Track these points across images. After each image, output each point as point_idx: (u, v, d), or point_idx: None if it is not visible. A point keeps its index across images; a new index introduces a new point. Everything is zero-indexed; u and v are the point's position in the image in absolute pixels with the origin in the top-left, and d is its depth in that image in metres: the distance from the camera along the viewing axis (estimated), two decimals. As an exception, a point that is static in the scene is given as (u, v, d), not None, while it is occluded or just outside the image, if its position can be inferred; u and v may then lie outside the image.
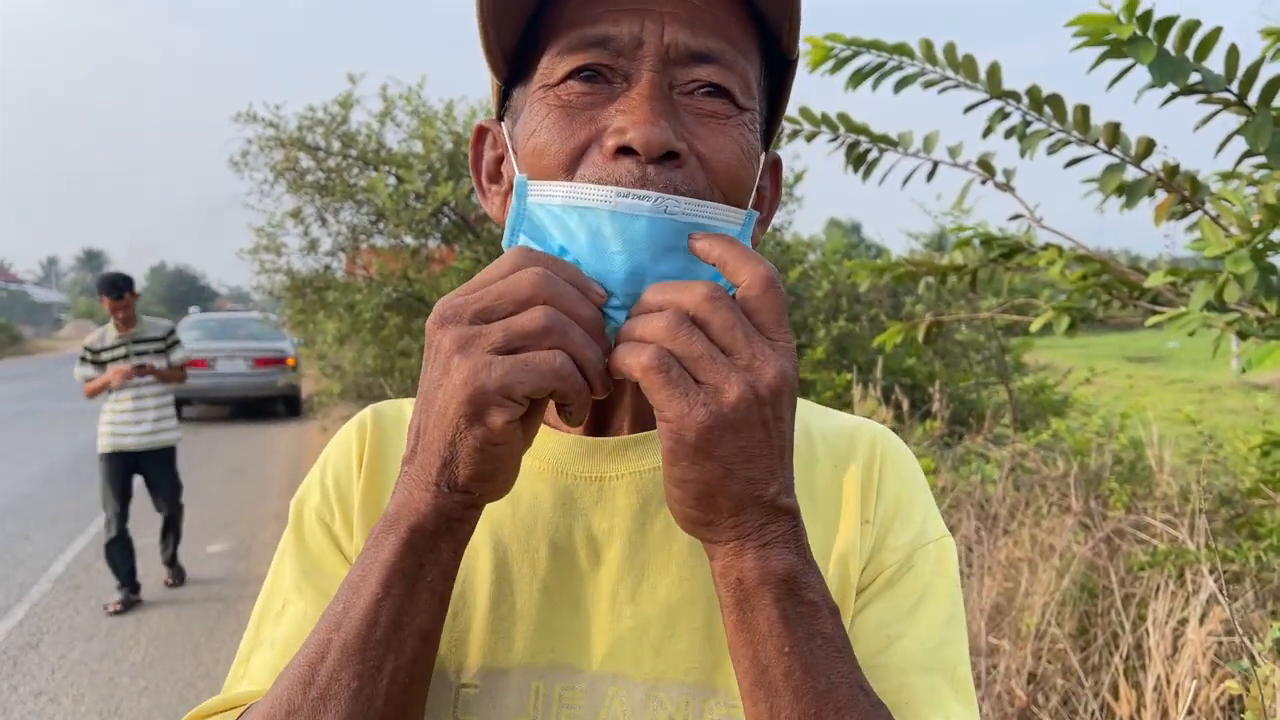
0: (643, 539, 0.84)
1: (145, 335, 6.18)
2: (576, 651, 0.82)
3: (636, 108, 0.73)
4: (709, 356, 0.64)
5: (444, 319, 0.66)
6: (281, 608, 0.87)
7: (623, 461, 0.86)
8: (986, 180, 3.67)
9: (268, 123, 7.39)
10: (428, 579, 0.69)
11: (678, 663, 0.81)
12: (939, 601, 0.85)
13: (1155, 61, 2.47)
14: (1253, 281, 2.68)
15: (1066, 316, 3.48)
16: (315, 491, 0.92)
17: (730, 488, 0.65)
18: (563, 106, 0.76)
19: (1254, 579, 3.27)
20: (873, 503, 0.88)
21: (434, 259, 8.16)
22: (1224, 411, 10.22)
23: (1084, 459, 4.52)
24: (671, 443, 0.64)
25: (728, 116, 0.77)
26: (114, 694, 4.86)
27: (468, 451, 0.65)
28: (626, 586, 0.83)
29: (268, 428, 14.76)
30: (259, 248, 7.91)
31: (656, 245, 0.72)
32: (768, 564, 0.67)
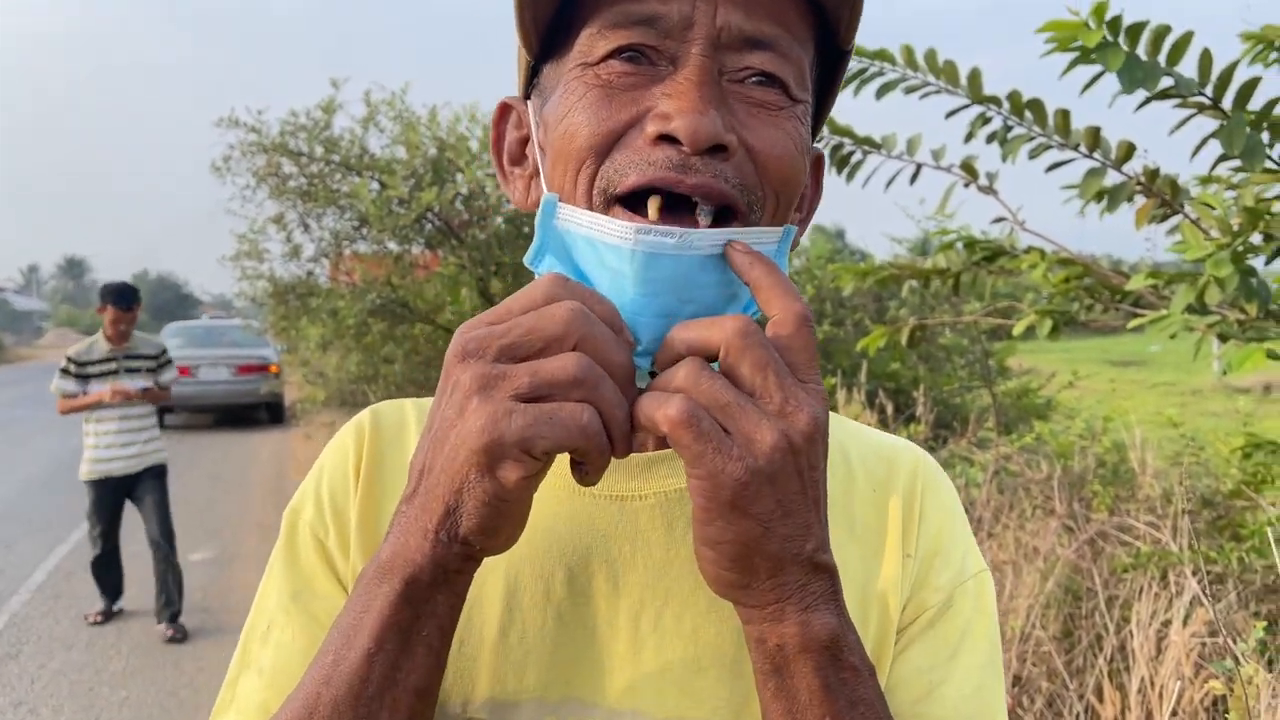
0: (668, 564, 0.78)
1: (138, 351, 5.73)
2: (592, 685, 0.76)
3: (684, 93, 0.67)
4: (738, 404, 0.59)
5: (466, 352, 0.60)
6: (267, 629, 0.82)
7: (647, 480, 0.80)
8: (970, 183, 3.68)
9: (250, 128, 7.36)
10: (423, 633, 0.64)
11: (703, 701, 0.75)
12: (978, 642, 0.81)
13: (1124, 67, 2.49)
14: (1233, 284, 2.69)
15: (1049, 320, 3.50)
16: (310, 504, 0.86)
17: (768, 547, 0.60)
18: (602, 86, 0.70)
19: (1236, 580, 3.29)
20: (914, 535, 0.83)
21: (418, 265, 8.13)
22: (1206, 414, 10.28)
23: (1067, 462, 4.54)
24: (705, 500, 0.59)
25: (780, 108, 0.72)
26: (94, 704, 4.81)
27: (474, 504, 0.60)
28: (649, 616, 0.77)
29: (251, 435, 14.67)
30: (241, 254, 7.87)
31: (681, 283, 0.67)
32: (809, 629, 0.62)
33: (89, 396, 5.53)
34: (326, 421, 9.81)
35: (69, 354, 5.64)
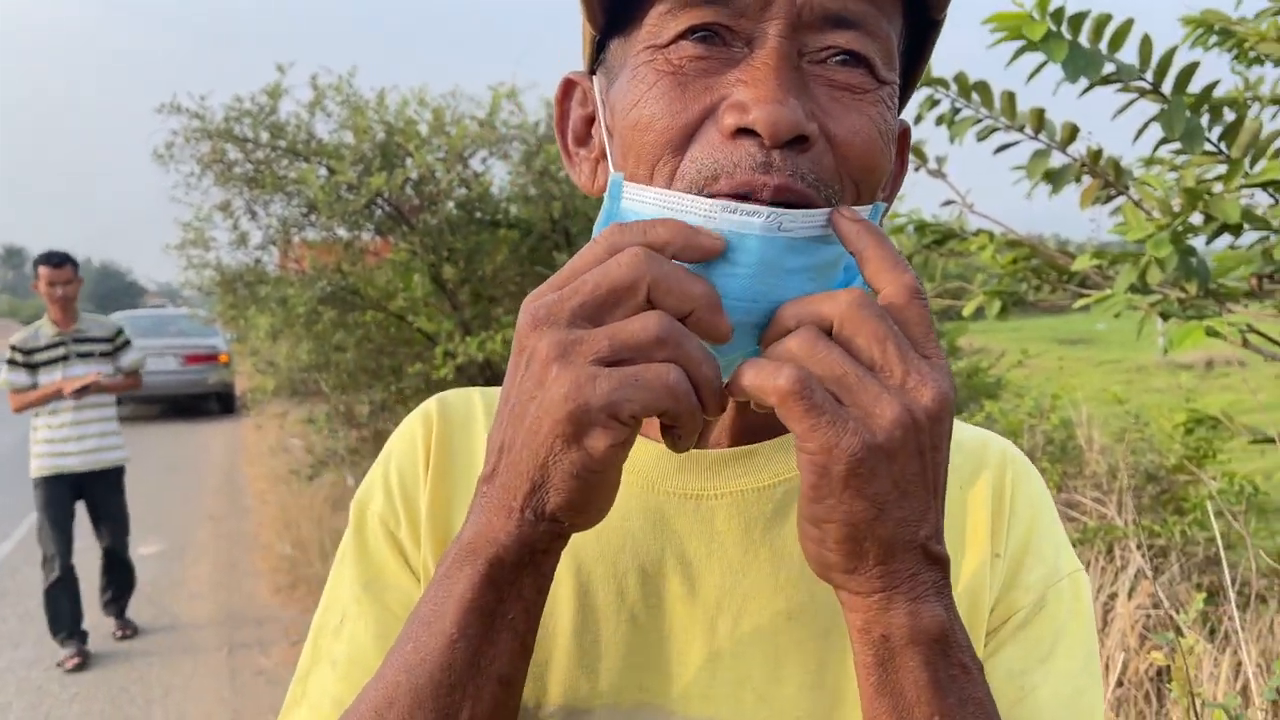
0: (745, 567, 0.75)
1: (88, 334, 5.21)
2: (667, 691, 0.73)
3: (762, 80, 0.62)
4: (856, 375, 0.56)
5: (537, 320, 0.57)
6: (340, 622, 0.79)
7: (723, 479, 0.77)
8: (919, 167, 3.72)
9: (193, 114, 7.21)
10: (509, 617, 0.61)
11: (784, 710, 0.72)
12: (1074, 645, 0.77)
13: (1068, 58, 2.54)
14: (1173, 264, 2.75)
15: (997, 300, 3.55)
16: (379, 493, 0.83)
17: (880, 530, 0.57)
18: (674, 73, 0.66)
19: (1180, 553, 3.37)
20: (1004, 533, 0.79)
21: (368, 251, 8.04)
22: (1150, 391, 10.50)
23: (1016, 440, 4.61)
24: (815, 477, 0.56)
25: (865, 91, 0.66)
26: (43, 701, 4.73)
27: (561, 477, 0.56)
28: (726, 620, 0.74)
29: (200, 426, 14.47)
30: (186, 242, 7.72)
31: (768, 267, 0.62)
32: (919, 620, 0.59)
33: (46, 388, 5.03)
34: (278, 411, 9.69)
35: (13, 342, 5.14)
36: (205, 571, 6.88)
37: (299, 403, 9.63)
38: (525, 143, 7.49)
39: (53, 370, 5.07)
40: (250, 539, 7.71)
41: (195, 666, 5.12)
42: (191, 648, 5.42)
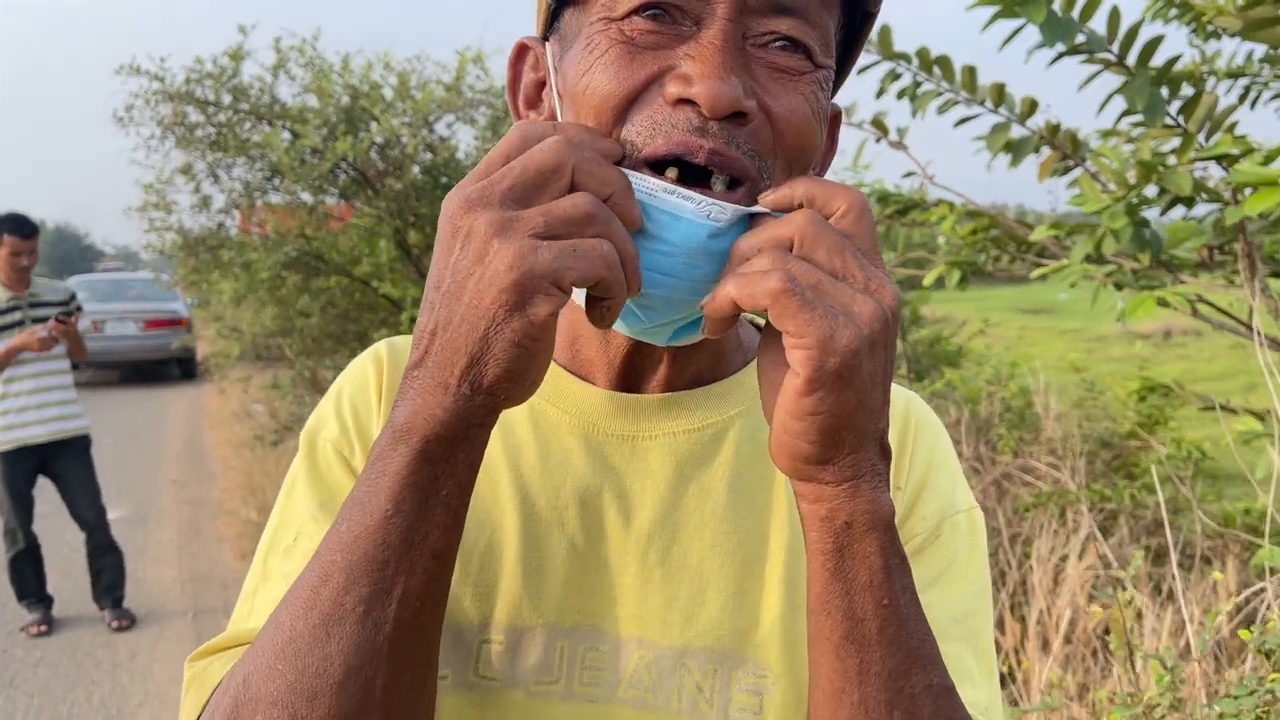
0: (676, 502, 0.81)
1: (43, 298, 5.03)
2: (603, 613, 0.79)
3: (707, 57, 0.67)
4: (830, 281, 0.60)
5: (470, 202, 0.60)
6: (294, 540, 0.81)
7: (657, 421, 0.83)
8: (881, 139, 3.77)
9: (153, 75, 7.10)
10: (442, 493, 0.63)
11: (708, 630, 0.78)
12: (966, 571, 0.83)
13: (1046, 21, 2.58)
14: (1127, 235, 2.82)
15: (957, 270, 3.61)
16: (331, 422, 0.86)
17: (858, 420, 0.61)
18: (625, 43, 0.70)
19: (1129, 516, 3.47)
20: (904, 470, 0.85)
21: (333, 216, 7.98)
22: (1110, 360, 10.69)
23: (975, 406, 4.71)
24: (811, 370, 0.59)
25: (802, 74, 0.71)
26: (8, 666, 4.73)
27: (503, 346, 0.59)
28: (657, 549, 0.80)
29: (162, 391, 14.33)
30: (147, 205, 7.63)
31: (693, 250, 0.67)
32: (879, 507, 0.64)
33: (5, 349, 4.82)
34: (241, 376, 9.64)
35: None
36: (169, 537, 6.86)
37: (263, 368, 9.57)
38: (491, 107, 7.45)
39: (7, 335, 4.90)
40: (214, 505, 7.69)
41: (160, 631, 5.13)
42: (156, 612, 5.42)
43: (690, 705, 0.77)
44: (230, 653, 0.77)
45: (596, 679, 0.78)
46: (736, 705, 0.77)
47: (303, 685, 0.63)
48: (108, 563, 5.29)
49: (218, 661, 0.76)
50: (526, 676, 0.78)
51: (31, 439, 4.97)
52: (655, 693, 0.77)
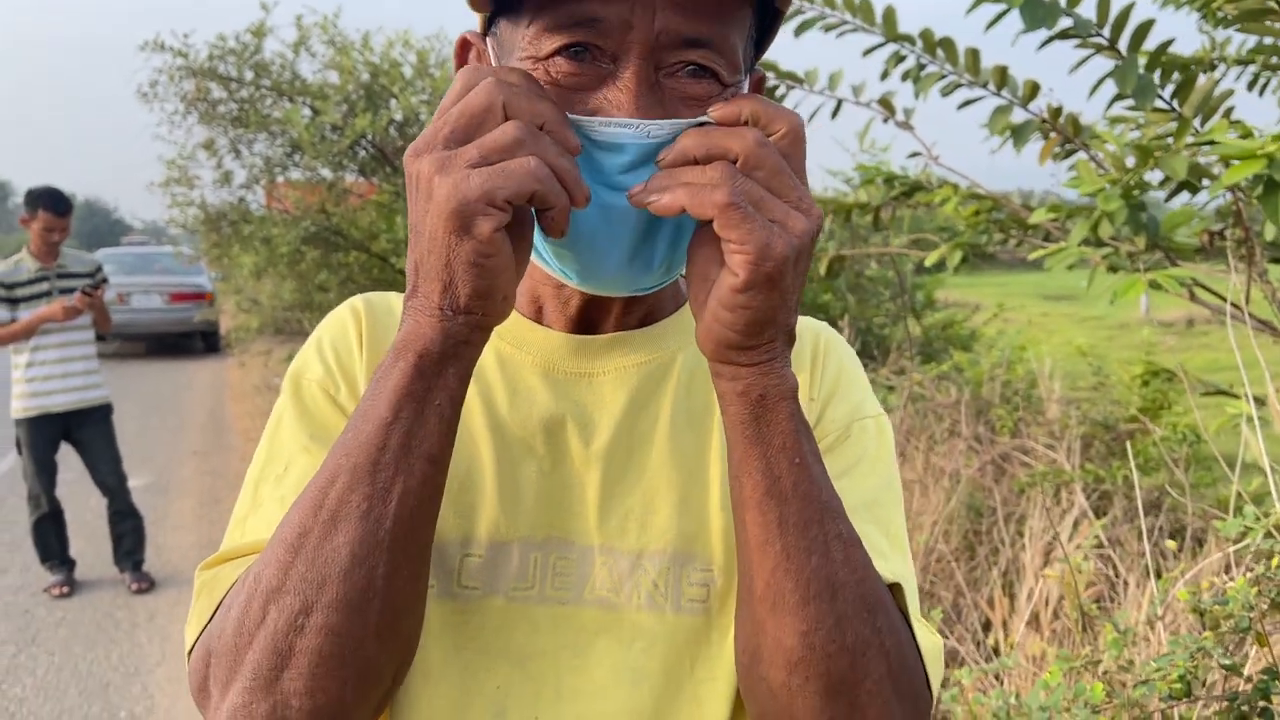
0: (629, 427, 0.92)
1: (70, 269, 5.12)
2: (570, 526, 0.89)
3: (624, 102, 0.75)
4: (770, 198, 0.70)
5: (418, 151, 0.69)
6: (284, 470, 0.88)
7: (608, 358, 0.93)
8: (888, 119, 3.80)
9: (177, 52, 7.20)
10: (436, 403, 0.72)
11: (660, 535, 0.89)
12: (875, 466, 0.94)
13: (1025, 5, 2.61)
14: (1121, 218, 2.85)
15: (959, 252, 3.65)
16: (315, 364, 0.94)
17: (780, 315, 0.72)
18: (551, 84, 0.77)
19: (1122, 496, 3.51)
20: (817, 383, 0.97)
21: (352, 192, 8.08)
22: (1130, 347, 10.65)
23: (978, 389, 4.75)
24: (747, 274, 0.69)
25: (711, 97, 0.78)
26: (30, 625, 4.87)
27: (463, 267, 0.68)
28: (614, 468, 0.90)
29: (185, 364, 14.53)
30: (170, 180, 7.75)
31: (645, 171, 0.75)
32: (787, 380, 0.75)
33: (32, 318, 4.90)
34: (262, 350, 9.78)
35: None
36: (189, 505, 7.01)
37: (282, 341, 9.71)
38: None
39: (35, 305, 4.99)
40: (234, 475, 7.83)
41: (178, 594, 5.27)
42: (174, 576, 5.55)
43: (648, 600, 0.89)
44: (239, 561, 0.84)
45: (566, 584, 0.88)
46: (687, 597, 0.89)
47: (312, 574, 0.71)
48: (128, 527, 5.42)
49: (228, 568, 0.84)
50: (505, 584, 0.88)
51: (55, 407, 5.08)
52: (617, 592, 0.88)
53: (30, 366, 5.02)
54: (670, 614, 0.89)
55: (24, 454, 5.19)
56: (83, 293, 5.00)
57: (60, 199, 5.08)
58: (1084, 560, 1.84)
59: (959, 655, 2.97)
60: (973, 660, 2.82)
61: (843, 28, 3.34)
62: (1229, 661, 1.30)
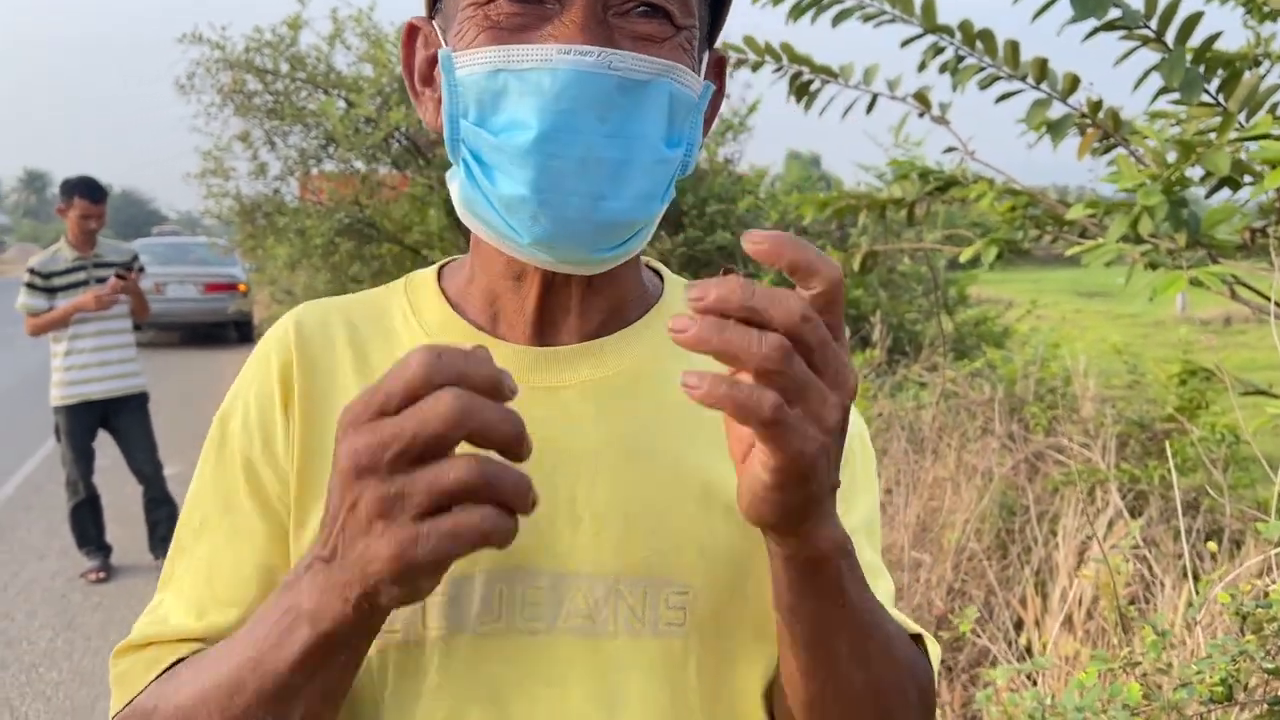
0: (599, 445, 0.85)
1: (107, 259, 5.15)
2: (536, 553, 0.83)
3: (570, 36, 0.72)
4: (812, 385, 0.63)
5: (360, 468, 0.60)
6: (200, 524, 0.89)
7: (573, 371, 0.87)
8: (924, 113, 3.77)
9: (214, 44, 7.27)
10: (339, 659, 0.69)
11: (636, 558, 0.84)
12: (867, 483, 0.95)
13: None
14: (1162, 214, 2.81)
15: (994, 248, 3.61)
16: (236, 419, 0.90)
17: (820, 492, 0.66)
18: (492, 28, 0.75)
19: (1159, 496, 3.47)
20: None
21: (385, 184, 8.13)
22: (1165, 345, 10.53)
23: (1011, 385, 4.71)
24: (780, 476, 0.64)
25: (664, 39, 0.76)
26: (67, 609, 4.95)
27: (391, 599, 0.62)
28: (584, 489, 0.84)
29: (219, 353, 14.67)
30: (206, 172, 7.83)
31: (600, 103, 0.72)
32: (836, 541, 0.71)
33: (67, 306, 4.94)
34: (295, 341, 9.91)
35: (31, 265, 5.06)
36: (223, 493, 7.08)
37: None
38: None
39: (72, 294, 5.02)
40: (266, 464, 7.90)
41: (212, 582, 5.33)
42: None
43: (626, 626, 0.84)
44: (150, 654, 0.84)
45: (537, 614, 0.83)
46: (664, 620, 0.85)
47: None
48: (163, 514, 5.47)
49: (139, 664, 0.84)
50: (471, 621, 0.83)
51: (92, 395, 5.13)
52: (594, 619, 0.84)
53: (68, 355, 5.07)
54: (649, 638, 0.85)
55: (62, 441, 5.26)
56: (117, 276, 5.03)
57: (95, 186, 5.13)
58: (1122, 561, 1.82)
59: (990, 654, 2.94)
60: (1005, 659, 2.79)
61: (881, 18, 3.31)
62: (1272, 665, 1.28)
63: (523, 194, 0.75)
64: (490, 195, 0.78)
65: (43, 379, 5.65)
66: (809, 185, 10.51)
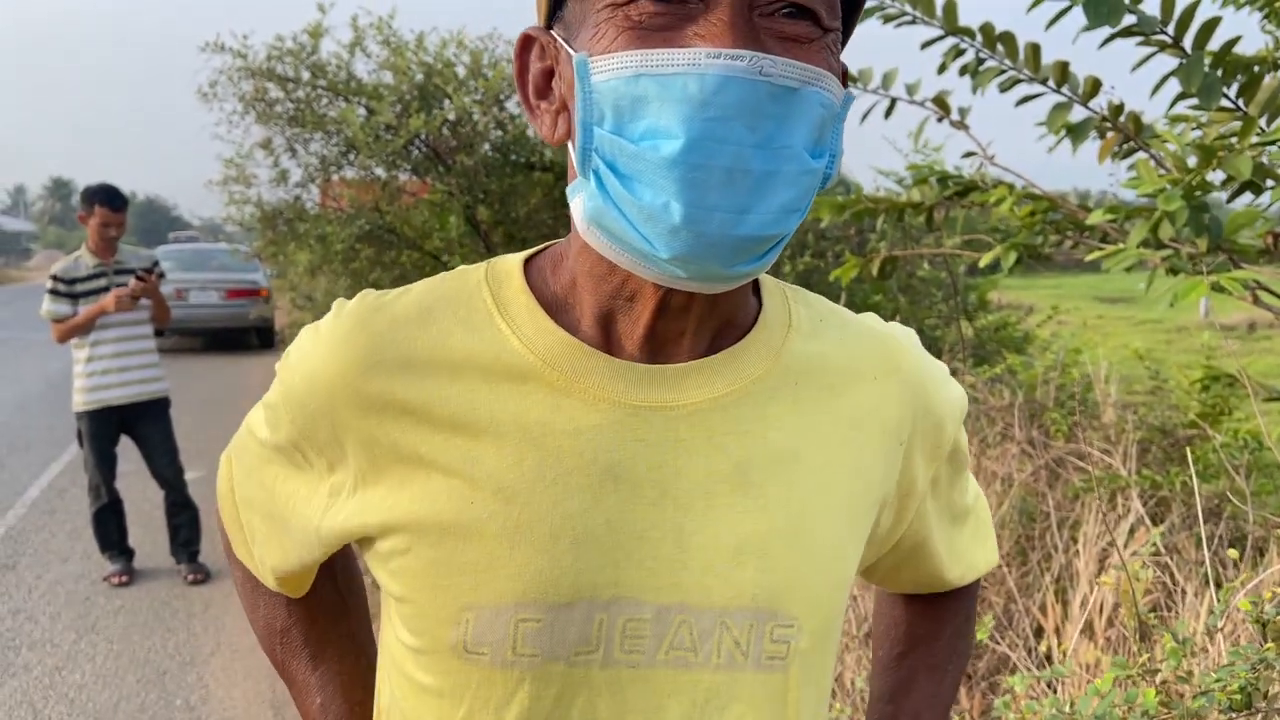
0: (709, 470, 0.81)
1: (128, 266, 5.17)
2: (640, 583, 0.79)
3: (717, 35, 0.68)
4: None
5: None
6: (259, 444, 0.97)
7: (684, 390, 0.82)
8: (943, 118, 3.76)
9: (236, 53, 7.33)
10: None
11: (745, 590, 0.80)
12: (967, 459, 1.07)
13: (1089, 2, 2.56)
14: (1182, 219, 2.79)
15: (1013, 253, 3.60)
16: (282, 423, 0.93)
17: None
18: (634, 28, 0.70)
19: (1180, 503, 3.44)
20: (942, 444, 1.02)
21: (406, 191, 8.18)
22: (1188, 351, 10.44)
23: (1031, 391, 4.68)
24: None
25: (811, 40, 0.73)
26: (90, 612, 4.99)
27: None
28: (693, 519, 0.80)
29: (241, 359, 14.77)
30: (228, 179, 7.90)
31: (749, 111, 0.68)
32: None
33: (89, 310, 4.99)
34: (316, 346, 9.96)
35: (54, 272, 5.09)
36: (244, 498, 7.12)
37: (336, 339, 9.82)
38: (561, 86, 7.55)
39: (92, 301, 5.06)
40: (287, 469, 7.95)
41: (232, 586, 5.35)
42: (228, 567, 5.65)
43: (728, 659, 0.81)
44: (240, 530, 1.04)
45: (637, 645, 0.80)
46: (767, 654, 0.82)
47: None
48: (184, 519, 5.53)
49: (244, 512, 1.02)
50: (566, 650, 0.79)
51: (114, 400, 5.17)
52: (696, 651, 0.81)
53: (90, 361, 5.10)
54: (750, 671, 0.82)
55: (85, 446, 5.29)
56: (136, 278, 5.06)
57: (115, 194, 5.15)
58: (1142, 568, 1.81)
59: (1010, 661, 2.93)
60: (1024, 667, 2.78)
61: (901, 19, 3.31)
62: (1293, 673, 1.27)
63: (665, 203, 0.70)
64: (626, 206, 0.72)
65: (66, 384, 5.69)
66: (829, 190, 10.48)
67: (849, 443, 0.86)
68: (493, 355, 0.81)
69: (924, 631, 1.09)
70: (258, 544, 1.01)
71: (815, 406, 0.86)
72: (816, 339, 0.89)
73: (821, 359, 0.88)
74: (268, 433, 0.93)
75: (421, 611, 0.82)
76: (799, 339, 0.88)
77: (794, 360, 0.86)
